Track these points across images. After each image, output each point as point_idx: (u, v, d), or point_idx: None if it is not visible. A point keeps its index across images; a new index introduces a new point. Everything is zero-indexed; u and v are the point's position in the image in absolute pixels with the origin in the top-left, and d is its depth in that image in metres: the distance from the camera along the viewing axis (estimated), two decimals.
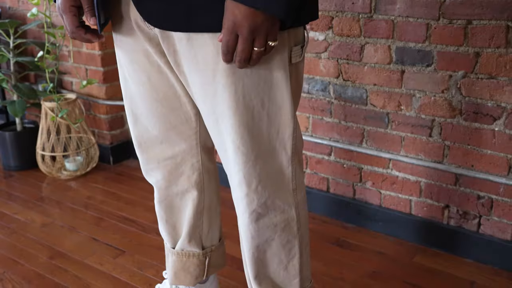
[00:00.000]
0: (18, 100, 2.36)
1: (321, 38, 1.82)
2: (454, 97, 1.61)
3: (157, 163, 1.26)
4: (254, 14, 0.87)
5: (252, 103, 1.00)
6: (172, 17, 0.93)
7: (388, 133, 1.78)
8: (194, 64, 1.00)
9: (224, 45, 0.91)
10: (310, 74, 1.89)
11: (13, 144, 2.47)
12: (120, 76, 1.21)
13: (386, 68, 1.72)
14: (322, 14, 1.79)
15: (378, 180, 1.86)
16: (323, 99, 1.89)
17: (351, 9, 1.73)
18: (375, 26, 1.69)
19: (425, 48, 1.62)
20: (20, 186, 2.35)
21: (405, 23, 1.63)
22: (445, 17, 1.56)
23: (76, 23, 1.07)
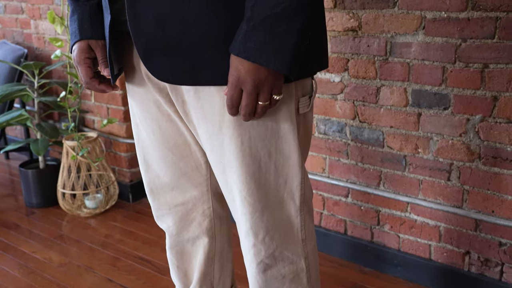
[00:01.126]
0: (41, 139, 2.41)
1: (337, 80, 1.82)
2: (472, 141, 1.58)
3: (168, 209, 1.26)
4: (257, 70, 0.88)
5: (259, 154, 1.00)
6: (179, 71, 0.95)
7: (405, 176, 1.75)
8: (202, 115, 1.01)
9: (229, 99, 0.92)
10: (326, 115, 1.89)
11: (36, 182, 2.51)
12: (132, 123, 1.22)
13: (402, 111, 1.70)
14: (338, 56, 1.80)
15: (397, 224, 1.82)
16: (340, 140, 1.88)
17: (366, 52, 1.73)
18: (390, 68, 1.69)
19: (442, 91, 1.60)
20: (41, 224, 2.38)
21: (421, 66, 1.62)
22: (461, 61, 1.54)
23: (90, 75, 1.09)
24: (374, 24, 1.69)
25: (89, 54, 1.09)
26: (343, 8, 1.74)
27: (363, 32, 1.72)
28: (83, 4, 1.09)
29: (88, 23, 1.08)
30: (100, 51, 1.09)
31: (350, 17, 1.73)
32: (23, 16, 2.98)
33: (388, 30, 1.66)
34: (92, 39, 1.08)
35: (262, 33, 0.86)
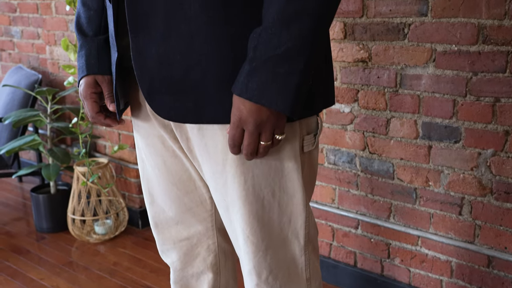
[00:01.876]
0: (53, 164, 2.42)
1: (346, 110, 1.81)
2: (484, 175, 1.55)
3: (172, 244, 1.24)
4: (259, 110, 0.87)
5: (262, 193, 0.98)
6: (182, 109, 0.94)
7: (416, 209, 1.72)
8: (205, 153, 1.00)
9: (230, 139, 0.91)
10: (336, 145, 1.87)
11: (46, 207, 2.51)
12: (137, 157, 1.22)
13: (413, 143, 1.68)
14: (348, 87, 1.79)
15: (407, 257, 1.78)
16: (349, 171, 1.86)
17: (376, 83, 1.72)
18: (400, 100, 1.67)
19: (452, 124, 1.58)
20: (50, 250, 2.38)
21: (431, 99, 1.61)
22: (472, 94, 1.52)
23: (96, 109, 1.10)
24: (384, 56, 1.68)
25: (96, 89, 1.09)
26: (353, 39, 1.74)
27: (373, 63, 1.71)
28: (90, 39, 1.10)
29: (95, 58, 1.09)
30: (106, 86, 1.09)
31: (360, 48, 1.73)
32: (39, 42, 3.03)
33: (398, 62, 1.65)
34: (98, 74, 1.09)
35: (264, 73, 0.86)
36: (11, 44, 3.24)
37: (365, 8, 1.69)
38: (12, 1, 3.11)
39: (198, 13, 0.89)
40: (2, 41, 3.29)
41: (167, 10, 0.90)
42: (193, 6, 0.88)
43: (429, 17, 1.56)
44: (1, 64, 3.36)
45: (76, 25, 1.13)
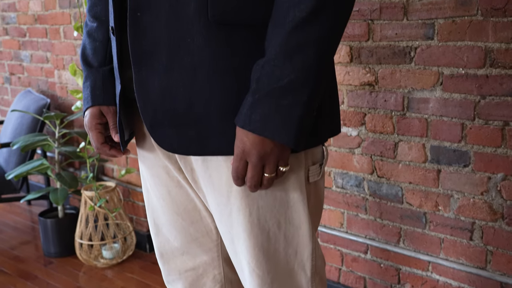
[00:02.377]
0: (60, 188, 2.42)
1: (354, 133, 1.80)
2: (495, 200, 1.53)
3: (178, 274, 1.23)
4: (263, 142, 0.86)
5: (267, 225, 0.97)
6: (185, 142, 0.94)
7: (426, 233, 1.69)
8: (210, 184, 0.99)
9: (234, 171, 0.90)
10: (344, 169, 1.85)
11: (54, 231, 2.51)
12: (143, 187, 1.21)
13: (421, 167, 1.66)
14: (355, 110, 1.77)
15: (418, 283, 1.75)
16: (358, 195, 1.84)
17: (383, 107, 1.70)
18: (408, 124, 1.66)
19: (461, 148, 1.56)
20: (58, 275, 2.37)
21: (439, 122, 1.59)
22: (480, 118, 1.51)
23: (101, 140, 1.09)
24: (390, 79, 1.67)
25: (101, 120, 1.09)
26: (360, 63, 1.73)
27: (380, 87, 1.70)
28: (96, 70, 1.10)
29: (100, 89, 1.09)
30: (111, 117, 1.09)
31: (367, 71, 1.72)
32: (48, 66, 3.05)
33: (405, 85, 1.64)
34: (103, 105, 1.09)
35: (267, 105, 0.85)
36: (20, 68, 3.27)
37: (371, 32, 1.68)
38: (22, 25, 3.15)
39: (202, 47, 0.88)
40: (12, 65, 3.32)
41: (170, 43, 0.90)
42: (196, 40, 0.88)
43: (435, 41, 1.55)
44: (10, 88, 3.39)
45: (81, 56, 1.13)
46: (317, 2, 0.82)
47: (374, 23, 1.67)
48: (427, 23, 1.56)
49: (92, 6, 1.13)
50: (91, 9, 1.13)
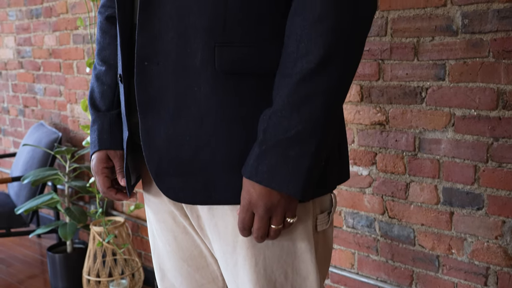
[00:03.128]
0: (69, 223, 2.42)
1: (364, 173, 1.77)
2: (510, 244, 1.49)
3: None
4: (269, 193, 0.85)
5: (274, 276, 0.95)
6: (190, 191, 0.92)
7: (439, 277, 1.65)
8: (216, 233, 0.97)
9: (240, 222, 0.88)
10: (354, 208, 1.82)
11: (62, 266, 2.49)
12: (148, 231, 1.20)
13: (433, 209, 1.62)
14: (365, 149, 1.76)
15: None
16: (369, 235, 1.80)
17: (394, 146, 1.68)
18: (420, 164, 1.63)
19: (474, 191, 1.53)
20: None
21: (451, 164, 1.56)
22: (493, 160, 1.48)
23: (107, 184, 1.09)
24: (401, 119, 1.65)
25: (107, 164, 1.09)
26: (370, 102, 1.72)
27: (391, 127, 1.68)
28: (103, 114, 1.10)
29: (107, 133, 1.09)
30: (118, 161, 1.08)
31: (377, 111, 1.70)
32: (61, 99, 3.08)
33: (416, 126, 1.62)
34: (110, 150, 1.08)
35: (274, 157, 0.84)
36: (34, 100, 3.31)
37: (381, 72, 1.67)
38: (37, 59, 3.20)
39: (209, 95, 0.88)
40: (26, 98, 3.36)
41: (177, 92, 0.89)
42: (203, 89, 0.88)
43: (446, 81, 1.54)
44: (24, 120, 3.43)
45: (89, 100, 1.13)
46: (326, 53, 0.81)
47: (384, 63, 1.66)
48: (438, 64, 1.55)
49: (101, 50, 1.14)
50: (100, 53, 1.14)
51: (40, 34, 3.12)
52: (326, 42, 0.81)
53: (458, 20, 1.49)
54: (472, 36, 1.47)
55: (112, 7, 1.12)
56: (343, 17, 0.82)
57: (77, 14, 2.70)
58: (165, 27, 0.89)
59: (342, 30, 0.82)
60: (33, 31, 3.17)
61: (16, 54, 3.37)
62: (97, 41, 1.15)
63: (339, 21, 0.81)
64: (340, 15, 0.81)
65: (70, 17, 2.75)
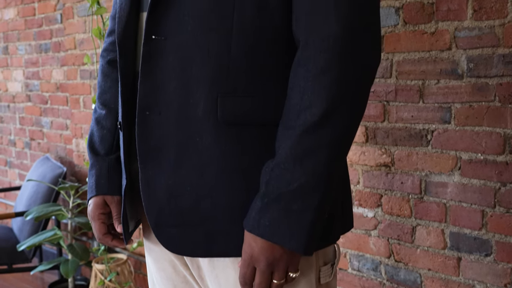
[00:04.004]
0: (71, 260, 2.39)
1: (370, 215, 1.75)
2: None
3: None
4: (271, 248, 0.83)
5: None
6: (190, 243, 0.91)
7: None
8: (216, 284, 0.95)
9: (241, 277, 0.86)
10: (360, 251, 1.79)
11: None
12: (148, 279, 1.17)
13: (440, 253, 1.59)
14: (371, 191, 1.74)
15: None
16: (375, 279, 1.76)
17: (400, 189, 1.66)
18: (426, 208, 1.61)
19: (482, 236, 1.50)
20: None
21: (458, 208, 1.54)
22: (501, 205, 1.45)
23: (103, 231, 1.07)
24: (407, 161, 1.63)
25: (104, 210, 1.07)
26: (375, 143, 1.70)
27: (396, 169, 1.66)
28: (102, 159, 1.09)
29: (105, 178, 1.08)
30: (115, 207, 1.07)
31: (383, 152, 1.69)
32: (67, 133, 3.09)
33: (422, 168, 1.60)
34: (108, 195, 1.07)
35: (277, 210, 0.82)
36: (40, 134, 3.32)
37: (386, 113, 1.67)
38: (44, 93, 3.22)
39: (211, 146, 0.87)
40: (33, 131, 3.38)
41: (179, 142, 0.89)
42: (205, 139, 0.87)
43: (452, 125, 1.52)
44: (30, 153, 3.44)
45: (88, 143, 1.12)
46: (329, 106, 0.80)
47: (389, 105, 1.66)
48: (444, 106, 1.54)
49: (101, 93, 1.13)
50: (101, 96, 1.13)
51: (48, 68, 3.15)
52: (330, 94, 0.80)
53: (463, 64, 1.48)
54: (477, 80, 1.46)
55: (114, 51, 1.13)
56: (347, 69, 0.81)
57: (84, 50, 2.73)
58: (167, 77, 0.88)
59: (345, 82, 0.81)
60: (42, 65, 3.21)
61: (24, 87, 3.40)
62: (98, 84, 1.15)
63: (343, 73, 0.81)
64: (344, 68, 0.81)
65: (78, 53, 2.78)
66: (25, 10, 3.28)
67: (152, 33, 0.88)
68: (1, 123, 3.67)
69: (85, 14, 2.68)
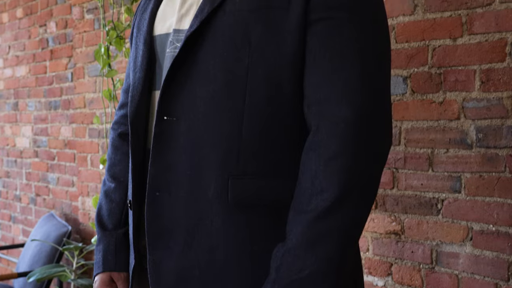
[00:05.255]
0: None
1: (380, 283, 1.71)
2: None
3: None
4: None
5: None
6: None
7: None
8: None
9: None
10: None
11: None
12: None
13: None
14: (380, 259, 1.70)
15: None
16: None
17: (410, 258, 1.63)
18: (438, 279, 1.57)
19: None
20: None
21: (471, 280, 1.50)
22: None
23: None
24: (417, 230, 1.61)
25: (110, 287, 1.05)
26: (385, 210, 1.68)
27: (406, 237, 1.64)
28: (109, 234, 1.08)
29: (112, 254, 1.06)
30: (122, 284, 1.05)
31: (392, 220, 1.67)
32: (73, 189, 3.09)
33: (433, 238, 1.57)
34: (115, 272, 1.05)
35: None
36: (46, 190, 3.31)
37: (396, 180, 1.65)
38: (52, 149, 3.24)
39: (221, 229, 0.86)
40: (39, 187, 3.37)
41: (189, 223, 0.88)
42: (215, 222, 0.86)
43: (462, 194, 1.51)
44: (35, 209, 3.42)
45: (96, 217, 1.12)
46: (341, 192, 0.80)
47: (398, 172, 1.65)
48: (454, 176, 1.52)
49: (111, 165, 1.13)
50: (110, 169, 1.13)
51: (57, 125, 3.18)
52: (341, 180, 0.80)
53: (473, 134, 1.48)
54: (487, 150, 1.46)
55: (126, 124, 1.13)
56: (359, 155, 0.81)
57: (94, 109, 2.76)
58: (178, 158, 0.88)
59: (357, 168, 0.81)
60: (51, 122, 3.24)
61: (32, 143, 3.42)
62: (108, 157, 1.15)
63: (355, 159, 0.81)
64: (355, 153, 0.81)
65: (87, 111, 2.81)
66: (36, 68, 3.35)
67: (164, 114, 0.89)
68: (8, 178, 3.68)
69: (95, 74, 2.73)
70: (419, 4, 1.58)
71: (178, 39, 0.91)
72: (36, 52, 3.35)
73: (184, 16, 0.92)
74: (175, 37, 0.92)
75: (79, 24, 2.74)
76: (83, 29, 2.73)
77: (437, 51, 1.55)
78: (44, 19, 3.26)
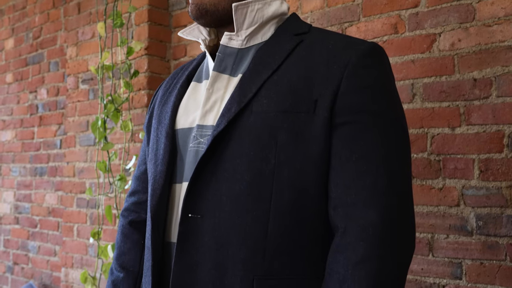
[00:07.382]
0: None
1: None
2: None
3: None
4: None
5: None
6: None
7: None
8: None
9: None
10: None
11: None
12: None
13: None
14: None
15: None
16: None
17: None
18: None
19: None
20: None
21: None
22: None
23: None
24: None
25: None
26: None
27: None
28: None
29: None
30: None
31: None
32: (55, 259, 2.99)
33: None
34: None
35: None
36: (25, 258, 3.21)
37: None
38: (34, 216, 3.16)
39: None
40: (17, 255, 3.26)
41: None
42: None
43: (464, 281, 1.52)
44: (11, 278, 3.29)
45: None
46: None
47: None
48: (454, 262, 1.54)
49: (120, 254, 1.11)
50: (119, 258, 1.10)
51: (42, 192, 3.12)
52: (370, 284, 0.80)
53: (472, 221, 1.51)
54: (487, 238, 1.48)
55: (136, 212, 1.12)
56: (387, 258, 0.82)
57: (84, 179, 2.73)
58: (202, 257, 0.87)
59: (386, 271, 0.81)
60: (35, 188, 3.18)
61: (13, 209, 3.34)
62: (117, 245, 1.13)
63: (383, 263, 0.81)
64: (384, 257, 0.82)
65: (77, 181, 2.77)
66: (23, 134, 3.32)
67: (189, 211, 0.89)
68: None
69: (87, 144, 2.72)
70: (417, 93, 1.64)
71: (202, 135, 0.93)
72: (24, 117, 3.33)
73: (208, 112, 0.94)
74: (198, 132, 0.93)
75: (73, 93, 2.76)
76: (77, 98, 2.74)
77: (436, 139, 1.60)
78: (35, 85, 3.27)
